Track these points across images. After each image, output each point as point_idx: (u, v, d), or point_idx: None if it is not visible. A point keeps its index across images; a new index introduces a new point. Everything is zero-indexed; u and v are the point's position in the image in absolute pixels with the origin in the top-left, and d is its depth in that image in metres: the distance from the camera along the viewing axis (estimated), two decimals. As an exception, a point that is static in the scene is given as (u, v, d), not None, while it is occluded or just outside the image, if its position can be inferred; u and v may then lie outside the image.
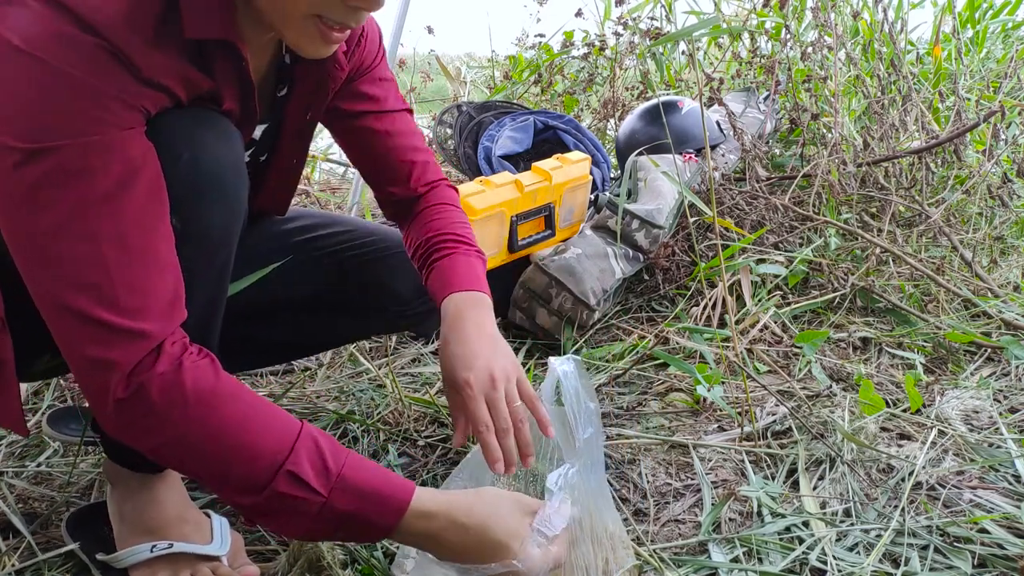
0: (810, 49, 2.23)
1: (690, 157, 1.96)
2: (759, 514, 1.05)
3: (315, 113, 0.97)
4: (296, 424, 0.73)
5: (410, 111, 1.09)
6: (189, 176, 0.72)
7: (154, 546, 0.88)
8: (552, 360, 0.92)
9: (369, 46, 1.00)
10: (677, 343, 1.51)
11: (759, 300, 1.65)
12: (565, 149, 2.05)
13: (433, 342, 1.64)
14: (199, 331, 0.83)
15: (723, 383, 1.37)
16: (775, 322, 1.61)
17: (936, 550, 0.96)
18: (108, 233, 0.67)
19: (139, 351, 0.68)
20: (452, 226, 1.05)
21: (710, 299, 1.61)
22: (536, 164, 1.69)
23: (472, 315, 0.93)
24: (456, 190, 1.13)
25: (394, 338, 1.69)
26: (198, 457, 0.71)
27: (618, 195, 1.73)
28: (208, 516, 0.94)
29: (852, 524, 1.01)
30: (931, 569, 0.93)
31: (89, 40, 0.64)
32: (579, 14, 3.06)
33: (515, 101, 2.82)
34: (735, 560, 0.96)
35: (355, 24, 0.75)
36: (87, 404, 0.71)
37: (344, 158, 3.26)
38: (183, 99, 0.73)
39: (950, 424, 1.25)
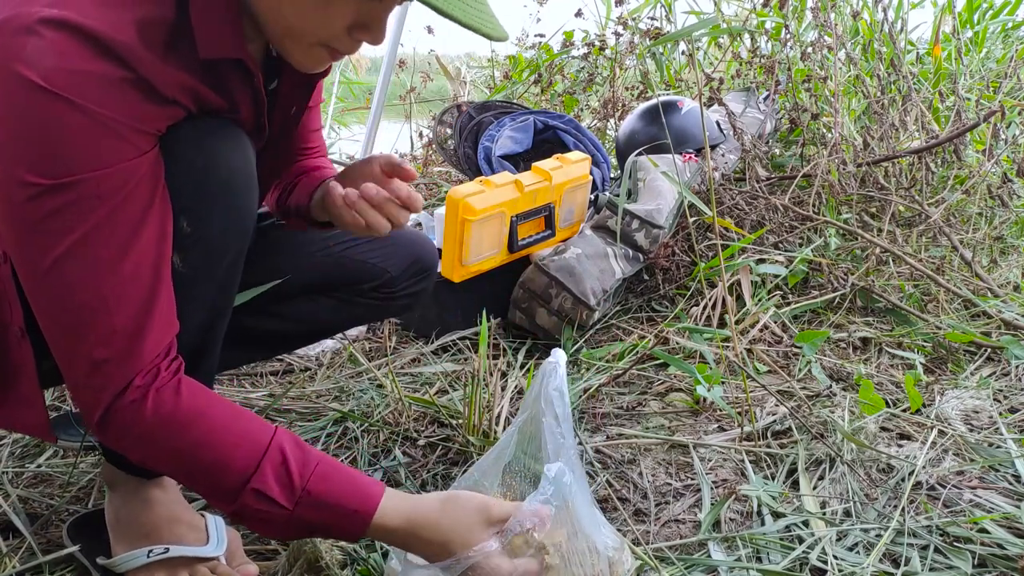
0: (810, 49, 2.23)
1: (690, 157, 1.96)
2: (759, 514, 1.05)
3: (300, 108, 0.98)
4: (265, 437, 0.76)
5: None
6: (201, 182, 0.74)
7: (150, 551, 0.88)
8: (557, 352, 0.92)
9: None
10: (677, 343, 1.51)
11: (759, 300, 1.65)
12: (565, 149, 2.04)
13: (433, 342, 1.64)
14: (201, 335, 0.83)
15: (723, 383, 1.37)
16: (775, 322, 1.61)
17: (936, 550, 0.96)
18: (109, 261, 0.69)
19: (117, 383, 0.73)
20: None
21: (710, 299, 1.61)
22: (536, 164, 1.68)
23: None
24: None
25: (394, 338, 1.69)
26: (171, 473, 0.82)
27: (618, 195, 1.73)
28: (203, 517, 0.94)
29: (852, 524, 1.01)
30: (931, 569, 0.93)
31: (106, 69, 0.65)
32: (579, 14, 3.06)
33: (515, 101, 2.82)
34: (735, 560, 0.96)
35: (355, 52, 0.79)
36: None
37: (343, 158, 3.27)
38: (194, 112, 0.75)
39: (950, 424, 1.25)
